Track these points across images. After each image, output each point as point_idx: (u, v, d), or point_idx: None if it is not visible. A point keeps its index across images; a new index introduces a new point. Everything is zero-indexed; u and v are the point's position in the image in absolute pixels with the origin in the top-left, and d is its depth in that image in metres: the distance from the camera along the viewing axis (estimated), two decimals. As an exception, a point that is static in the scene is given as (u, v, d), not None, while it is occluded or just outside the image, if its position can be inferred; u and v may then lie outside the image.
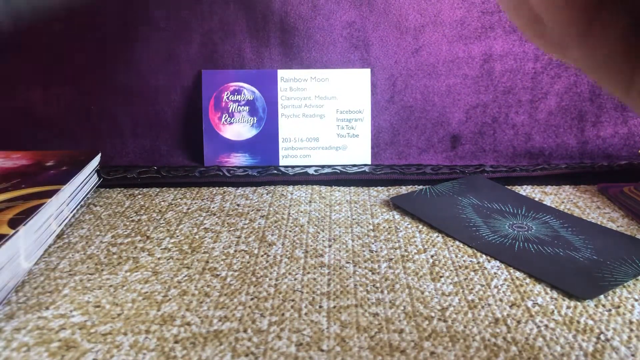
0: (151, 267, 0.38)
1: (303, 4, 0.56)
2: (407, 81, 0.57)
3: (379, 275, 0.36)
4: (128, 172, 0.54)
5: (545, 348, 0.29)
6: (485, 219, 0.44)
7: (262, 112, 0.56)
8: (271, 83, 0.56)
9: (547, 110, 0.57)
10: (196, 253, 0.40)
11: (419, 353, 0.29)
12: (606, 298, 0.34)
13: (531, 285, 0.35)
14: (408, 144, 0.58)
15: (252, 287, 0.35)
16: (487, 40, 0.56)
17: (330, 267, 0.37)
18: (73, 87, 0.57)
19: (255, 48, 0.57)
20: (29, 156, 0.49)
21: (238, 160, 0.56)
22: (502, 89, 0.57)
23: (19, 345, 0.30)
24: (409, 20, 0.56)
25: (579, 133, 0.57)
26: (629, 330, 0.31)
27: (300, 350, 0.29)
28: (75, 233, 0.43)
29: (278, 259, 0.39)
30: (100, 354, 0.29)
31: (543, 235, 0.41)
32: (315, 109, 0.56)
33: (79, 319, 0.32)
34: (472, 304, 0.33)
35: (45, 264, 0.38)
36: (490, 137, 0.58)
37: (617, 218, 0.45)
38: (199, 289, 0.35)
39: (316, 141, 0.56)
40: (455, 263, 0.38)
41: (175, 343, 0.30)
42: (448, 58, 0.57)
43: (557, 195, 0.50)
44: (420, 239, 0.41)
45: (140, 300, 0.34)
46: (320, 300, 0.34)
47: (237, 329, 0.31)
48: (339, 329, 0.31)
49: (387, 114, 0.58)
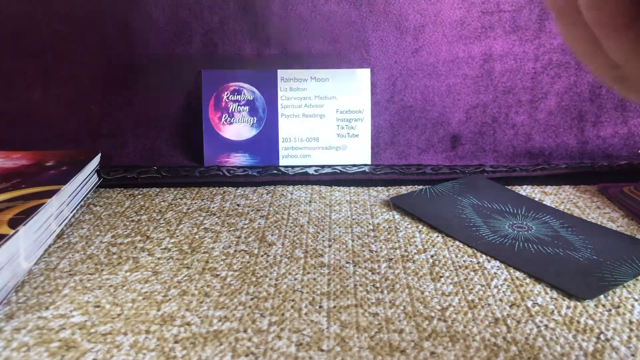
0: (151, 267, 0.38)
1: (303, 4, 0.56)
2: (407, 81, 0.57)
3: (379, 275, 0.36)
4: (128, 172, 0.54)
5: (545, 348, 0.29)
6: (485, 219, 0.44)
7: (262, 112, 0.56)
8: (271, 83, 0.56)
9: (547, 110, 0.57)
10: (196, 253, 0.40)
11: (419, 353, 0.29)
12: (606, 298, 0.34)
13: (531, 285, 0.35)
14: (408, 144, 0.58)
15: (252, 287, 0.35)
16: (487, 40, 0.56)
17: (330, 267, 0.37)
18: (73, 87, 0.57)
19: (255, 48, 0.57)
20: (29, 156, 0.49)
21: (238, 160, 0.56)
22: (502, 89, 0.57)
23: (19, 345, 0.30)
24: (409, 20, 0.56)
25: (579, 133, 0.57)
26: (629, 330, 0.31)
27: (300, 350, 0.29)
28: (75, 233, 0.43)
29: (278, 259, 0.39)
30: (100, 354, 0.29)
31: (543, 235, 0.41)
32: (315, 109, 0.56)
33: (79, 319, 0.32)
34: (472, 304, 0.33)
35: (45, 264, 0.38)
36: (490, 137, 0.58)
37: (617, 218, 0.45)
38: (199, 289, 0.35)
39: (316, 141, 0.56)
40: (455, 263, 0.38)
41: (175, 343, 0.30)
42: (448, 58, 0.57)
43: (557, 195, 0.50)
44: (420, 239, 0.41)
45: (140, 300, 0.34)
46: (320, 300, 0.34)
47: (237, 329, 0.31)
48: (339, 329, 0.31)
49: (387, 113, 0.58)
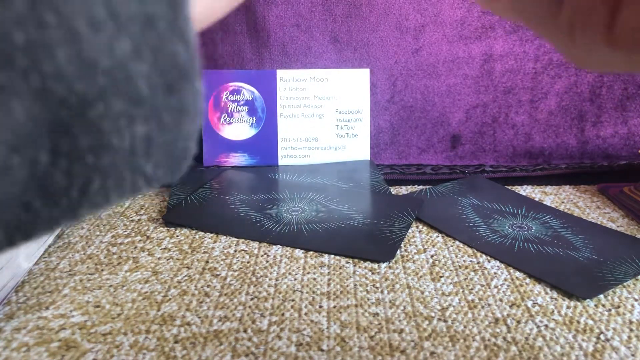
0: (151, 267, 0.38)
1: (302, 3, 0.56)
2: (407, 81, 0.57)
3: (379, 275, 0.36)
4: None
5: (545, 348, 0.29)
6: (485, 219, 0.44)
7: (261, 112, 0.56)
8: (270, 83, 0.56)
9: (547, 110, 0.57)
10: (196, 253, 0.40)
11: (419, 353, 0.29)
12: (606, 298, 0.34)
13: (531, 285, 0.35)
14: (408, 144, 0.58)
15: (252, 287, 0.35)
16: (487, 40, 0.56)
17: (330, 267, 0.37)
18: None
19: (255, 48, 0.57)
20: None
21: (237, 160, 0.56)
22: (502, 89, 0.57)
23: (19, 345, 0.30)
24: (409, 20, 0.56)
25: (579, 133, 0.57)
26: (629, 330, 0.31)
27: (300, 350, 0.29)
28: (75, 233, 0.43)
29: (278, 259, 0.39)
30: (100, 354, 0.29)
31: (543, 235, 0.41)
32: (314, 109, 0.56)
33: (79, 319, 0.32)
34: (472, 304, 0.33)
35: (45, 264, 0.38)
36: (490, 137, 0.58)
37: (617, 218, 0.45)
38: (199, 289, 0.35)
39: (315, 141, 0.56)
40: (455, 263, 0.38)
41: (175, 343, 0.30)
42: (448, 58, 0.57)
43: (557, 195, 0.50)
44: (420, 239, 0.41)
45: (140, 300, 0.34)
46: (320, 300, 0.34)
47: (237, 329, 0.31)
48: (339, 329, 0.31)
49: (387, 114, 0.58)
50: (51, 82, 0.10)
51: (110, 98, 0.11)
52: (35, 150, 0.10)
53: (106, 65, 0.10)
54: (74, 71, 0.10)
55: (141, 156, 0.12)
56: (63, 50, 0.10)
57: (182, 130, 0.12)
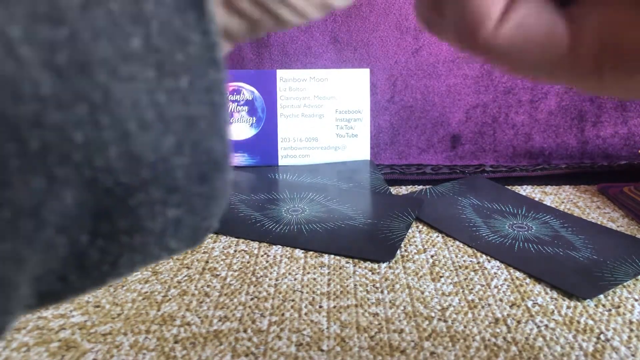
0: (151, 267, 0.38)
1: (303, 3, 0.56)
2: (407, 81, 0.57)
3: (379, 275, 0.36)
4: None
5: (545, 348, 0.29)
6: (485, 219, 0.44)
7: (261, 112, 0.56)
8: (270, 83, 0.56)
9: (547, 110, 0.57)
10: (196, 253, 0.40)
11: (419, 353, 0.29)
12: (606, 298, 0.34)
13: (531, 285, 0.35)
14: (408, 144, 0.58)
15: (252, 287, 0.35)
16: (487, 40, 0.56)
17: (330, 267, 0.37)
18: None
19: (255, 48, 0.57)
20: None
21: (237, 160, 0.56)
22: (502, 89, 0.57)
23: (19, 345, 0.30)
24: (409, 20, 0.56)
25: (579, 133, 0.57)
26: (629, 330, 0.31)
27: (300, 350, 0.29)
28: (75, 233, 0.43)
29: (278, 259, 0.39)
30: (100, 354, 0.29)
31: (543, 235, 0.41)
32: (314, 109, 0.56)
33: (79, 319, 0.32)
34: (472, 304, 0.33)
35: (45, 264, 0.38)
36: (490, 137, 0.58)
37: (617, 218, 0.45)
38: (199, 289, 0.35)
39: (315, 141, 0.56)
40: (455, 263, 0.38)
41: (175, 343, 0.30)
42: (448, 58, 0.57)
43: (557, 195, 0.50)
44: (420, 239, 0.41)
45: (140, 300, 0.34)
46: (320, 300, 0.34)
47: (237, 329, 0.31)
48: (339, 329, 0.31)
49: (387, 114, 0.58)
50: (101, 174, 0.11)
51: (150, 188, 0.11)
52: (79, 231, 0.11)
53: (151, 159, 0.11)
54: (122, 166, 0.11)
55: (169, 236, 0.13)
56: (114, 148, 0.11)
57: (209, 213, 0.13)
